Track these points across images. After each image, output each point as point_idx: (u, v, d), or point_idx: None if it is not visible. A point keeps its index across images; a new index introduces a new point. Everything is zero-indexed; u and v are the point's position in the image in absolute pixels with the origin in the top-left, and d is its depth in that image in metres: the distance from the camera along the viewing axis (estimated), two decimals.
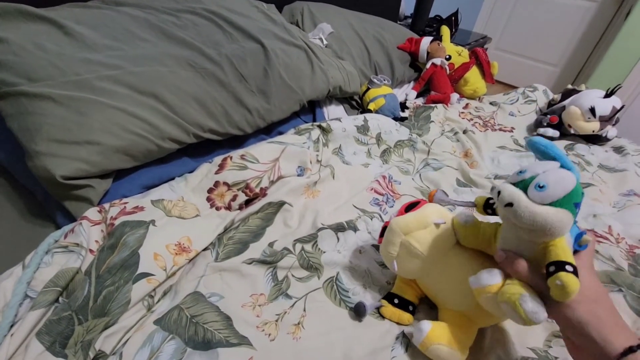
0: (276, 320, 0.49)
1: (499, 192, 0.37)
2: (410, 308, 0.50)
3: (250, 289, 0.53)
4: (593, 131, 1.00)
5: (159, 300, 0.50)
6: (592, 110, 0.97)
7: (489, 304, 0.39)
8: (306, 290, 0.54)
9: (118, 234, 0.50)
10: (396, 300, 0.50)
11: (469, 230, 0.46)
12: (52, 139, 0.51)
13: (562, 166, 0.37)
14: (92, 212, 0.53)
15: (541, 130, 1.06)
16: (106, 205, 0.55)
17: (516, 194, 0.36)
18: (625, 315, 0.56)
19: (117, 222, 0.51)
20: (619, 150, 1.03)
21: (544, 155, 0.39)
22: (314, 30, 1.10)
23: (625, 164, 0.95)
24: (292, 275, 0.56)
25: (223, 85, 0.71)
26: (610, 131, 1.04)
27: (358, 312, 0.49)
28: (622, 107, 0.98)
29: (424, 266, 0.48)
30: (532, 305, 0.34)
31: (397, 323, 0.50)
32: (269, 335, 0.47)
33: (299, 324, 0.49)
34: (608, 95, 0.98)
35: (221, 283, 0.53)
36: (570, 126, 1.03)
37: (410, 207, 0.50)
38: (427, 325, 0.44)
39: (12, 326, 0.41)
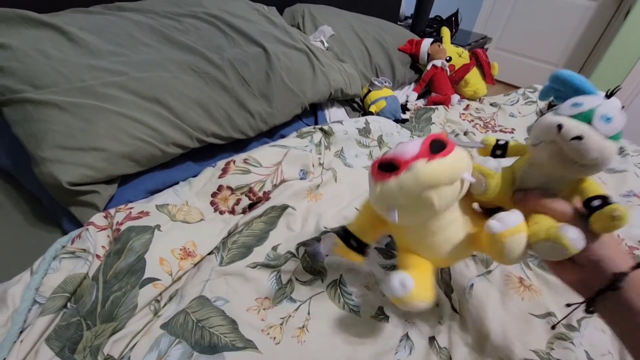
0: (281, 324, 0.50)
1: (559, 126, 0.34)
2: (365, 250, 0.46)
3: (255, 292, 0.53)
4: None
5: (165, 305, 0.50)
6: None
7: (512, 246, 0.36)
8: (310, 293, 0.54)
9: (124, 239, 0.50)
10: (354, 243, 0.45)
11: (498, 179, 0.42)
12: (57, 146, 0.52)
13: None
14: (98, 218, 0.54)
15: None
16: (112, 211, 0.55)
17: (585, 126, 0.34)
18: None
19: (123, 228, 0.52)
20: (618, 151, 1.03)
21: (578, 91, 0.38)
22: (315, 33, 1.10)
23: (625, 165, 0.95)
24: (296, 279, 0.56)
25: (226, 89, 0.71)
26: None
27: (315, 258, 0.48)
28: (622, 108, 0.98)
29: (428, 221, 0.40)
30: (573, 231, 0.34)
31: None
32: (274, 338, 0.48)
33: (303, 327, 0.50)
34: (608, 96, 0.98)
35: (226, 287, 0.53)
36: None
37: (436, 146, 0.37)
38: (409, 280, 0.39)
39: (21, 332, 0.41)
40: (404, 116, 1.06)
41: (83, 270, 0.47)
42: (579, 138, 0.33)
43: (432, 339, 0.49)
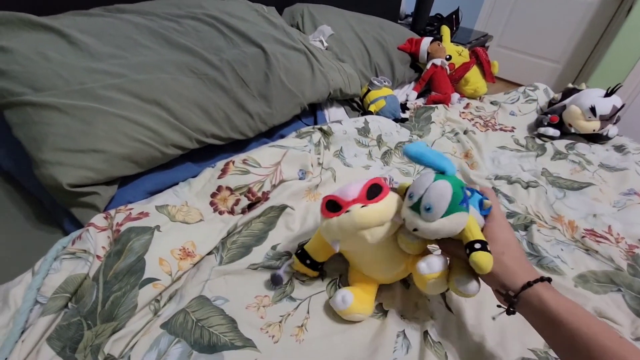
0: (280, 322, 0.50)
1: (403, 219, 0.44)
2: (319, 266, 0.55)
3: (255, 290, 0.54)
4: (594, 130, 1.00)
5: (165, 305, 0.51)
6: (593, 110, 0.97)
7: (433, 286, 0.45)
8: (310, 292, 0.55)
9: (124, 240, 0.51)
10: (308, 261, 0.53)
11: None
12: (58, 148, 0.52)
13: (436, 172, 0.42)
14: (99, 219, 0.54)
15: (542, 129, 1.07)
16: (112, 212, 0.56)
17: (415, 219, 0.42)
18: (624, 314, 0.57)
19: (122, 228, 0.52)
20: (620, 149, 1.03)
21: (417, 162, 0.45)
22: (314, 33, 1.10)
23: (626, 163, 0.95)
24: (296, 278, 0.57)
25: (225, 90, 0.72)
26: (611, 130, 1.04)
27: (276, 282, 0.53)
28: (622, 106, 0.98)
29: (365, 249, 0.50)
30: (463, 283, 0.43)
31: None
32: (273, 337, 0.48)
33: (302, 326, 0.50)
34: (608, 94, 0.98)
35: (226, 286, 0.54)
36: (570, 125, 1.03)
37: (372, 192, 0.46)
38: (349, 296, 0.50)
39: (22, 332, 0.42)
40: (403, 115, 1.06)
41: (84, 270, 0.48)
42: (415, 229, 0.42)
43: (425, 334, 0.49)
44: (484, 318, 0.53)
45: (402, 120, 1.05)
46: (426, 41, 1.19)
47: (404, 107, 1.11)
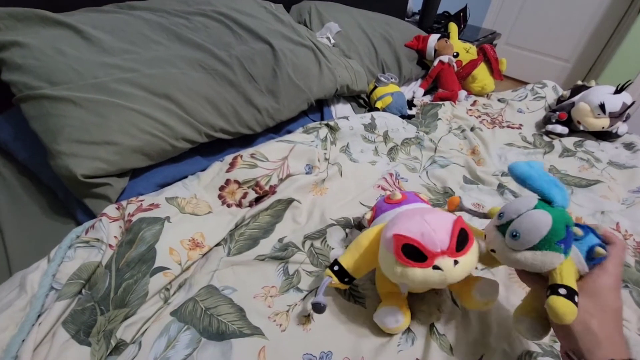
0: (287, 311, 0.51)
1: (485, 236, 0.41)
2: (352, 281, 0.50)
3: (262, 281, 0.55)
4: (603, 127, 0.99)
5: (174, 293, 0.52)
6: (602, 107, 0.96)
7: (479, 307, 0.47)
8: (317, 284, 0.55)
9: (136, 229, 0.52)
10: (346, 279, 0.48)
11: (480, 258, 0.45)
12: (73, 140, 0.54)
13: (541, 199, 0.38)
14: (111, 209, 0.56)
15: (550, 127, 1.06)
16: (124, 203, 0.57)
17: (496, 241, 0.39)
18: (631, 311, 0.57)
19: (134, 219, 0.54)
20: (629, 146, 1.02)
21: (522, 184, 0.39)
22: (321, 30, 1.11)
23: (635, 161, 0.94)
24: (303, 270, 0.57)
25: (233, 85, 0.73)
26: (621, 127, 1.03)
27: (320, 310, 0.46)
28: (632, 103, 0.97)
29: None
30: (526, 326, 0.40)
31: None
32: (280, 325, 0.49)
33: (309, 316, 0.51)
34: (618, 91, 0.97)
35: (234, 277, 0.55)
36: (579, 122, 1.02)
37: (461, 241, 0.40)
38: (401, 317, 0.47)
39: (39, 316, 0.44)
40: (410, 112, 1.06)
41: (97, 258, 0.49)
42: (493, 251, 0.40)
43: (431, 326, 0.50)
44: (490, 311, 0.54)
45: (408, 117, 1.05)
46: (433, 38, 1.19)
47: (410, 103, 1.11)
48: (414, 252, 0.39)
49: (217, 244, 0.59)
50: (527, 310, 0.41)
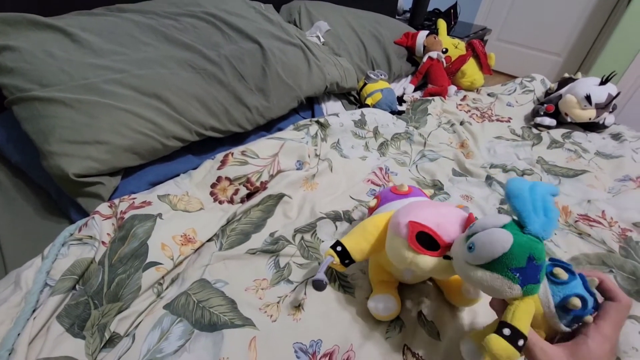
0: (278, 302, 0.52)
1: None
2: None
3: (254, 274, 0.56)
4: (590, 119, 1.01)
5: (167, 287, 0.53)
6: (588, 98, 0.98)
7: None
8: (307, 275, 0.57)
9: (128, 226, 0.53)
10: (347, 261, 0.48)
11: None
12: (64, 140, 0.55)
13: (516, 222, 0.35)
14: (103, 207, 0.57)
15: (538, 119, 1.07)
16: (116, 201, 0.59)
17: (456, 249, 0.38)
18: None
19: (126, 216, 0.55)
20: (616, 137, 1.04)
21: (507, 201, 0.36)
22: (311, 29, 1.12)
23: (622, 150, 0.96)
24: (294, 262, 0.59)
25: (223, 84, 0.74)
26: (608, 118, 1.05)
27: (320, 288, 0.46)
28: (617, 94, 0.99)
29: None
30: (466, 351, 0.38)
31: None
32: (271, 316, 0.50)
33: (299, 306, 0.52)
34: (603, 82, 0.99)
35: (225, 270, 0.56)
36: (567, 114, 1.04)
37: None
38: (394, 305, 0.49)
39: (34, 311, 0.45)
40: (400, 108, 1.08)
41: (90, 255, 0.50)
42: (450, 257, 0.39)
43: (419, 314, 0.51)
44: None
45: (398, 113, 1.06)
46: (422, 34, 1.21)
47: (400, 100, 1.13)
48: (426, 241, 0.41)
49: (209, 240, 0.60)
50: (478, 336, 0.38)
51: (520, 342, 0.31)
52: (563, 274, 0.34)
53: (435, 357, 0.46)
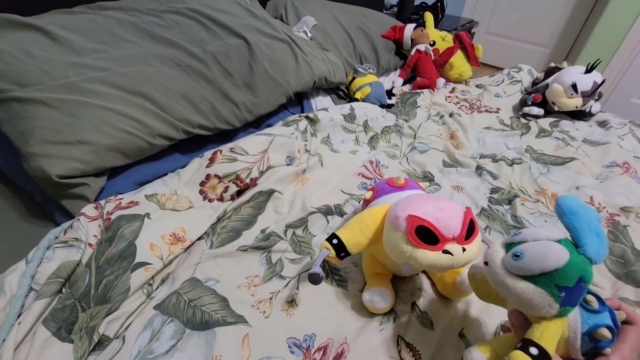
0: (270, 298, 0.52)
1: (488, 246, 0.39)
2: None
3: (245, 271, 0.55)
4: (576, 107, 1.02)
5: (157, 288, 0.52)
6: (574, 87, 0.99)
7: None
8: (299, 270, 0.56)
9: (115, 227, 0.52)
10: (343, 254, 0.47)
11: (478, 283, 0.43)
12: (45, 141, 0.53)
13: (571, 241, 0.33)
14: (89, 209, 0.56)
15: (526, 109, 1.08)
16: (102, 202, 0.57)
17: (495, 255, 0.35)
18: (605, 278, 0.59)
19: (113, 217, 0.54)
20: (602, 124, 1.05)
21: (560, 217, 0.34)
22: (298, 24, 1.11)
23: (608, 137, 0.97)
24: (286, 258, 0.58)
25: (209, 81, 0.73)
26: (594, 106, 1.06)
27: (316, 281, 0.45)
28: (603, 82, 1.00)
29: None
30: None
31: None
32: (264, 312, 0.50)
33: (292, 301, 0.52)
34: (588, 70, 1.00)
35: (217, 268, 0.55)
36: (554, 103, 1.05)
37: (470, 229, 0.42)
38: (389, 297, 0.50)
39: (19, 315, 0.43)
40: (389, 101, 1.08)
41: (76, 257, 0.49)
42: (486, 263, 0.36)
43: (413, 305, 0.51)
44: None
45: (388, 106, 1.06)
46: (409, 28, 1.21)
47: (389, 93, 1.12)
48: (426, 235, 0.40)
49: (200, 238, 0.60)
50: (485, 347, 0.36)
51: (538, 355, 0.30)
52: (595, 303, 0.33)
53: (429, 346, 0.46)
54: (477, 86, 1.26)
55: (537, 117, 1.08)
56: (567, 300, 0.31)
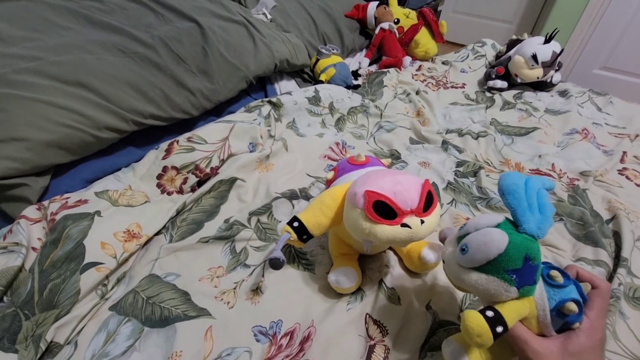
0: (234, 288, 0.50)
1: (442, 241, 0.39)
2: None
3: (208, 263, 0.53)
4: (538, 78, 1.04)
5: (113, 288, 0.50)
6: (535, 57, 1.00)
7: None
8: (264, 257, 0.55)
9: (60, 228, 0.49)
10: (305, 237, 0.45)
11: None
12: None
13: (510, 221, 0.33)
14: (31, 210, 0.52)
15: (490, 82, 1.09)
16: (45, 203, 0.53)
17: (447, 252, 0.36)
18: (566, 241, 0.61)
19: (57, 217, 0.50)
20: (563, 94, 1.07)
21: (501, 198, 0.34)
22: (256, 6, 1.07)
23: (569, 106, 0.99)
24: (251, 246, 0.56)
25: (159, 68, 0.69)
26: (555, 76, 1.08)
27: (277, 266, 0.44)
28: (561, 51, 1.02)
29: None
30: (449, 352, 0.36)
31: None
32: (228, 303, 0.48)
33: (257, 289, 0.50)
34: (547, 40, 1.01)
35: (177, 263, 0.53)
36: (516, 75, 1.06)
37: (427, 200, 0.41)
38: (355, 277, 0.49)
39: None
40: (355, 82, 1.06)
41: (17, 263, 0.45)
42: (443, 261, 0.37)
43: (380, 282, 0.51)
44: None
45: (354, 87, 1.04)
46: (372, 6, 1.18)
47: (355, 74, 1.11)
48: (383, 210, 0.39)
49: (158, 233, 0.57)
50: (461, 338, 0.36)
51: (499, 329, 0.30)
52: (559, 278, 0.32)
53: (395, 321, 0.46)
54: (443, 63, 1.26)
55: (501, 90, 1.09)
56: (522, 281, 0.31)
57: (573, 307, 0.31)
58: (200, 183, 0.66)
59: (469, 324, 0.30)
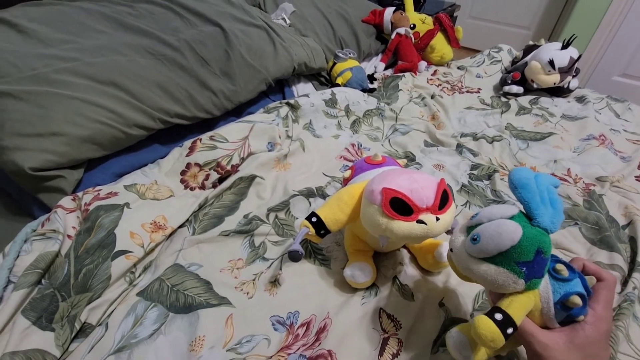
0: (253, 280, 0.52)
1: (449, 230, 0.39)
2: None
3: (228, 255, 0.56)
4: (554, 83, 1.04)
5: (140, 275, 0.52)
6: (551, 63, 1.00)
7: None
8: (282, 251, 0.57)
9: (93, 217, 0.52)
10: (322, 232, 0.48)
11: (454, 265, 0.42)
12: (16, 134, 0.52)
13: (524, 213, 0.33)
14: (66, 201, 0.55)
15: (506, 88, 1.09)
16: (80, 194, 0.57)
17: (457, 241, 0.36)
18: (580, 244, 0.61)
19: (91, 208, 0.53)
20: (580, 99, 1.07)
21: (513, 192, 0.35)
22: (276, 11, 1.10)
23: (586, 112, 0.98)
24: (269, 241, 0.59)
25: (185, 70, 0.72)
26: (572, 82, 1.08)
27: (296, 259, 0.46)
28: (579, 57, 1.01)
29: None
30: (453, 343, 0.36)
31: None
32: (247, 293, 0.50)
33: (275, 281, 0.52)
34: (565, 46, 1.01)
35: (199, 254, 0.55)
36: (533, 81, 1.06)
37: (443, 199, 0.42)
38: (370, 272, 0.51)
39: None
40: (371, 86, 1.08)
41: (54, 248, 0.49)
42: (451, 250, 0.37)
43: (394, 279, 0.52)
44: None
45: (370, 91, 1.06)
46: (389, 11, 1.20)
47: (371, 78, 1.12)
48: (400, 207, 0.41)
49: (182, 226, 0.60)
50: (465, 328, 0.37)
51: (509, 331, 0.30)
52: (565, 271, 0.32)
53: (409, 316, 0.47)
54: (458, 68, 1.27)
55: (517, 95, 1.09)
56: (531, 273, 0.31)
57: (577, 300, 0.31)
58: (221, 180, 0.69)
59: (482, 332, 0.30)
